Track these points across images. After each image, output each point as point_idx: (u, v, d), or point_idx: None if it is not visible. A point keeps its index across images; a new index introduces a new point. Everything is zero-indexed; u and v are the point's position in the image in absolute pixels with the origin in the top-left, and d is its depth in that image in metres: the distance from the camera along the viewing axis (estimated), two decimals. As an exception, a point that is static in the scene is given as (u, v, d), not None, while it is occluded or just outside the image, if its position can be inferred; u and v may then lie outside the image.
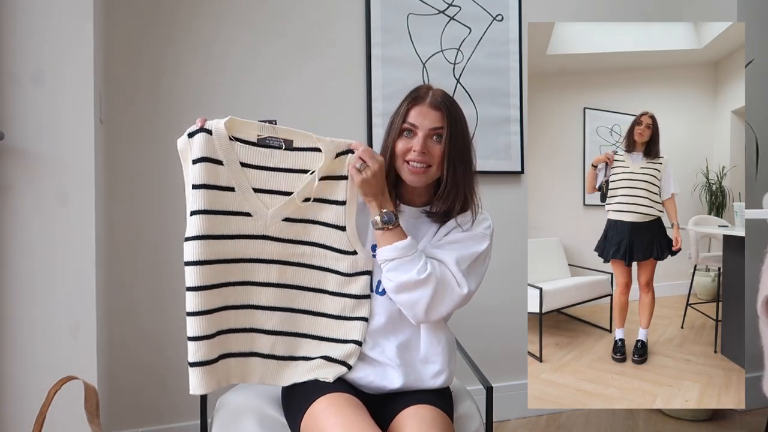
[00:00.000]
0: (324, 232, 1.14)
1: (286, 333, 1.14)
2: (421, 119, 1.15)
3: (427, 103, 1.16)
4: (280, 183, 1.12)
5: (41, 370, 1.31)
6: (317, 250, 1.14)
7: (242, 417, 1.18)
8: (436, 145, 1.16)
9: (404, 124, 1.17)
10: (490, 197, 2.27)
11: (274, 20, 1.98)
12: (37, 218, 1.33)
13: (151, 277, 1.85)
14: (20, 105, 1.32)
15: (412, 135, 1.16)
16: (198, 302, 1.06)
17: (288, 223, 1.13)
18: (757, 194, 2.30)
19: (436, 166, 1.16)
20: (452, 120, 1.16)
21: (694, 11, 2.54)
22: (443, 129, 1.15)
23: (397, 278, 1.09)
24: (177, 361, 1.87)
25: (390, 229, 1.11)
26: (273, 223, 1.12)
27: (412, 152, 1.15)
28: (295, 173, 1.12)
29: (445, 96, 1.19)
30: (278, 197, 1.12)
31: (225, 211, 1.09)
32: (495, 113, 2.24)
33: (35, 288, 1.33)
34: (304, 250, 1.14)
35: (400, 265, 1.09)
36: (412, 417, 1.03)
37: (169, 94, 1.87)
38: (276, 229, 1.12)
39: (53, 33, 1.34)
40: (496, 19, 2.25)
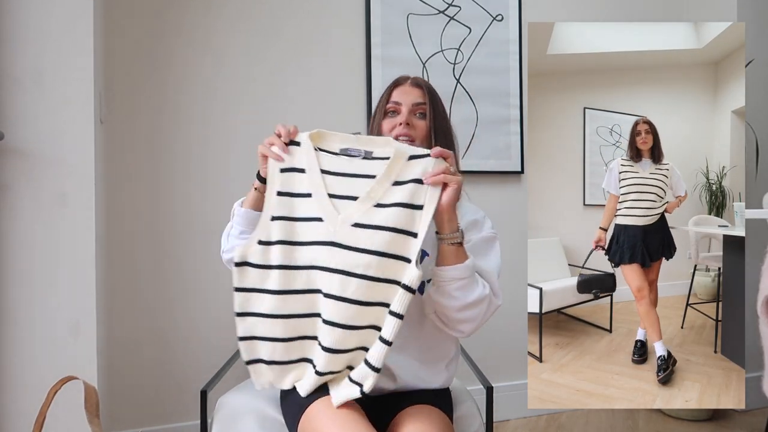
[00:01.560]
0: (394, 238, 1.03)
1: (345, 351, 1.05)
2: (404, 96, 1.23)
3: (408, 83, 1.26)
4: (354, 189, 1.08)
5: (41, 370, 1.31)
6: (384, 260, 1.03)
7: (242, 417, 1.18)
8: (419, 121, 1.22)
9: (388, 105, 1.24)
10: (490, 197, 2.29)
11: (274, 20, 1.98)
12: (37, 218, 1.33)
13: (151, 277, 1.85)
14: (20, 105, 1.32)
15: (396, 113, 1.23)
16: (277, 305, 1.06)
17: (357, 228, 1.04)
18: (757, 194, 2.31)
19: (420, 140, 1.21)
20: (432, 96, 1.24)
21: (694, 11, 2.54)
22: (425, 105, 1.22)
23: (465, 297, 1.06)
24: (177, 361, 1.87)
25: (461, 246, 1.07)
26: (342, 228, 1.05)
27: (398, 127, 1.20)
28: (370, 179, 1.08)
29: (424, 80, 1.29)
30: (351, 202, 1.08)
31: (300, 218, 1.08)
32: (495, 113, 2.24)
33: (35, 288, 1.33)
34: (371, 260, 1.02)
35: (468, 284, 1.06)
36: (410, 417, 1.02)
37: (170, 94, 1.87)
38: (344, 235, 1.04)
39: (53, 33, 1.34)
40: (496, 19, 2.25)
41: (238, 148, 1.93)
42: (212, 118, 1.92)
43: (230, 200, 1.92)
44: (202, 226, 1.89)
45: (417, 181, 1.06)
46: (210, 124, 1.91)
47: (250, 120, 1.95)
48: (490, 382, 1.29)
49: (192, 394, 1.86)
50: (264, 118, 1.96)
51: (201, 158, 1.90)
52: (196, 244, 1.89)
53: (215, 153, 1.92)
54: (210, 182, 1.91)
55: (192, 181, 1.89)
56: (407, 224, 1.04)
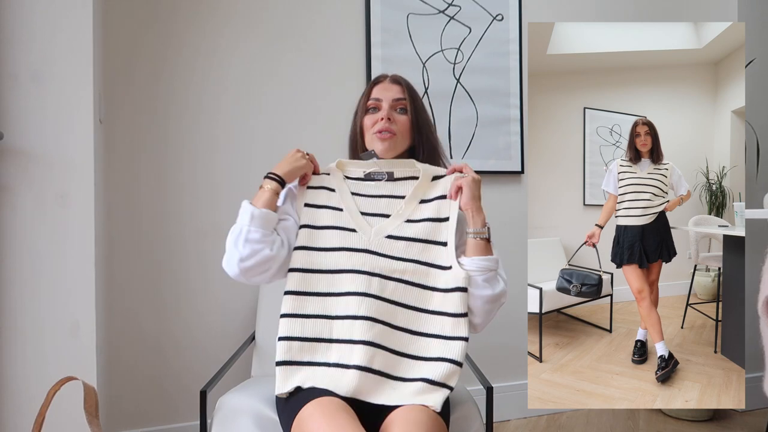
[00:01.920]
0: (426, 248, 1.17)
1: (385, 348, 1.09)
2: (384, 92, 1.27)
3: (388, 80, 1.30)
4: (383, 207, 1.22)
5: (41, 371, 1.31)
6: (419, 267, 1.16)
7: (242, 418, 1.18)
8: (400, 116, 1.26)
9: (369, 102, 1.28)
10: (490, 197, 2.28)
11: (274, 21, 1.98)
12: (37, 218, 1.33)
13: (150, 278, 1.85)
14: (20, 105, 1.32)
15: (377, 110, 1.27)
16: (295, 306, 1.13)
17: (391, 240, 1.17)
18: (757, 194, 2.31)
19: (402, 135, 1.26)
20: (411, 92, 1.28)
21: (694, 11, 2.54)
22: (405, 101, 1.27)
23: (494, 289, 1.15)
24: (176, 361, 1.87)
25: (488, 241, 1.18)
26: (376, 239, 1.17)
27: (379, 122, 1.24)
28: (396, 198, 1.22)
29: (403, 78, 1.31)
30: (382, 219, 1.20)
31: (332, 226, 1.19)
32: (495, 113, 2.24)
33: (35, 288, 1.33)
34: (406, 266, 1.15)
35: (494, 276, 1.16)
36: (400, 419, 1.00)
37: (169, 94, 1.87)
38: (378, 244, 1.17)
39: (53, 33, 1.34)
40: (496, 19, 2.25)
41: (239, 147, 1.93)
42: (212, 118, 1.92)
43: (230, 200, 1.92)
44: (202, 225, 1.89)
45: (441, 198, 1.21)
46: (210, 124, 1.91)
47: (250, 120, 1.95)
48: (490, 382, 1.29)
49: (192, 394, 1.86)
50: (264, 118, 1.96)
51: (201, 158, 1.90)
52: (196, 243, 1.88)
53: (215, 153, 1.91)
54: (210, 182, 1.91)
55: (192, 181, 1.89)
56: (436, 235, 1.18)
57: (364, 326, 1.08)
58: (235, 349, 1.61)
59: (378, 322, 1.09)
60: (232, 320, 1.91)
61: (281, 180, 1.17)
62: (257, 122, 1.95)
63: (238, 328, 1.90)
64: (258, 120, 1.96)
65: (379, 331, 1.09)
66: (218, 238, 1.87)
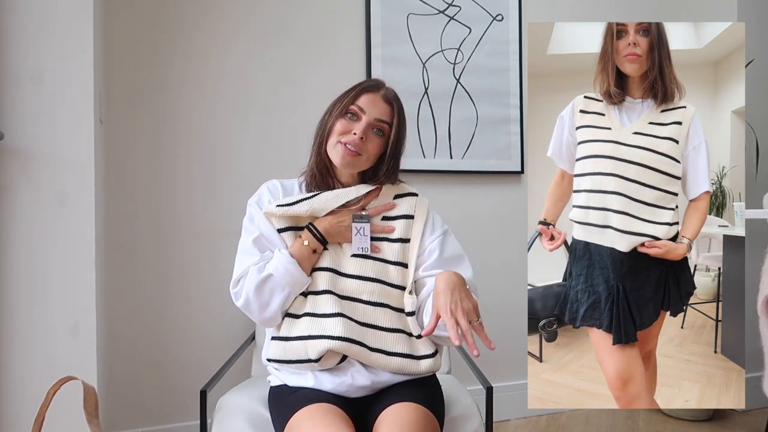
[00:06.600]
0: (387, 269, 1.18)
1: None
2: (371, 106, 1.16)
3: (381, 94, 1.18)
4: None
5: (41, 370, 1.31)
6: (383, 287, 1.17)
7: (241, 418, 1.18)
8: (375, 138, 1.17)
9: (352, 106, 1.17)
10: (490, 197, 2.29)
11: (274, 21, 1.98)
12: (37, 218, 1.33)
13: (150, 278, 1.85)
14: (20, 105, 1.32)
15: (356, 119, 1.17)
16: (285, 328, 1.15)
17: (357, 259, 1.17)
18: (757, 194, 2.31)
19: (368, 157, 1.18)
20: (400, 117, 1.19)
21: (694, 11, 2.54)
22: (388, 126, 1.17)
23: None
24: (176, 361, 1.87)
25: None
26: (344, 258, 1.18)
27: (351, 134, 1.15)
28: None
29: (396, 96, 1.22)
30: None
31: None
32: (495, 113, 2.25)
33: (35, 288, 1.33)
34: (373, 287, 1.16)
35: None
36: (389, 418, 0.99)
37: (169, 94, 1.87)
38: (346, 264, 1.17)
39: (53, 33, 1.34)
40: (496, 19, 2.25)
41: (239, 147, 1.93)
42: (212, 118, 1.92)
43: (230, 200, 1.93)
44: (202, 225, 1.89)
45: (406, 217, 1.23)
46: (210, 124, 1.91)
47: (250, 119, 1.95)
48: (490, 382, 1.29)
49: (192, 394, 1.85)
50: (265, 118, 1.96)
51: (201, 158, 1.90)
52: (196, 243, 1.88)
53: (215, 153, 1.91)
54: (210, 182, 1.91)
55: (192, 181, 1.89)
56: (398, 256, 1.20)
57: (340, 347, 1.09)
58: (235, 349, 1.61)
59: (351, 342, 1.09)
60: (232, 320, 1.91)
61: (323, 239, 1.16)
62: (257, 122, 1.95)
63: (238, 327, 1.90)
64: (258, 120, 1.96)
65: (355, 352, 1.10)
66: (218, 237, 1.88)
